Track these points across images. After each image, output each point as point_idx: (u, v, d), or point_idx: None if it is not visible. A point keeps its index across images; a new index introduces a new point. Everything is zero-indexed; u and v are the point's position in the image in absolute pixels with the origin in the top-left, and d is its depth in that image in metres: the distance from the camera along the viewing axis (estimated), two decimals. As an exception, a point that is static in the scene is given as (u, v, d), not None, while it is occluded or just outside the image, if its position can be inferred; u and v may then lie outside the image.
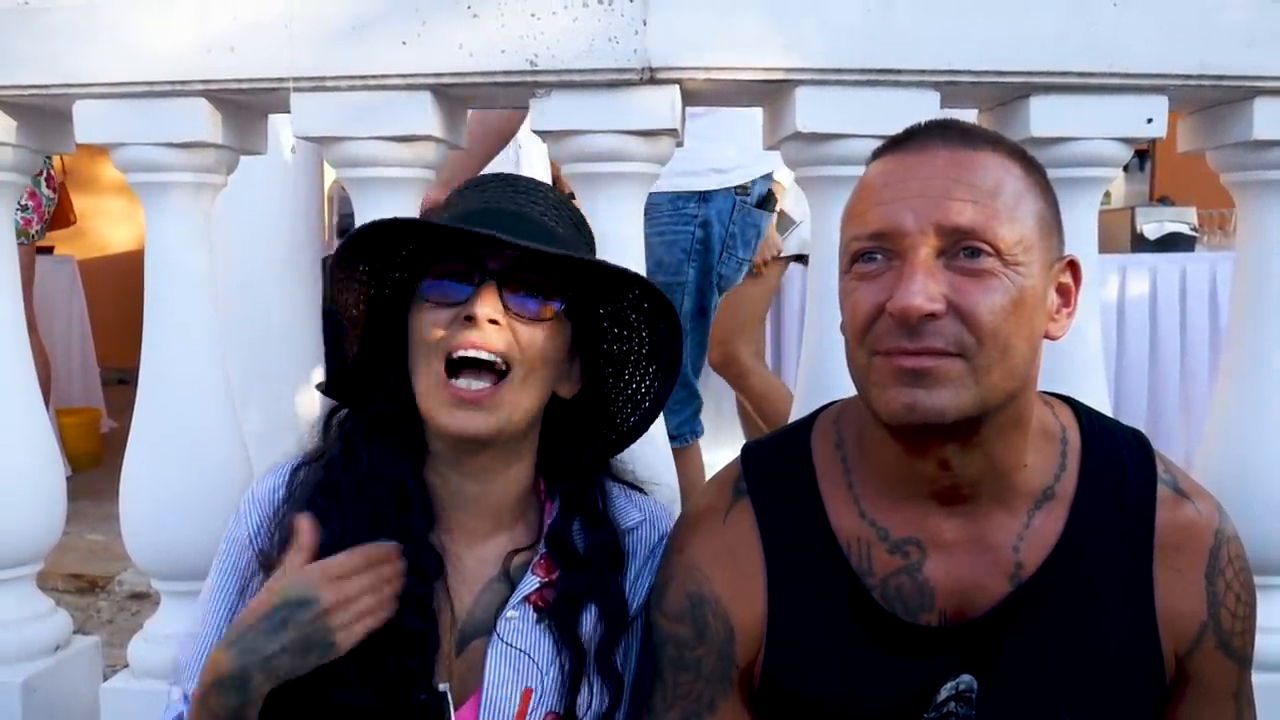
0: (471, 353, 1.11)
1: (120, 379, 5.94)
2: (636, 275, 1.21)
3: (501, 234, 1.09)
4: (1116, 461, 1.12)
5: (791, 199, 3.25)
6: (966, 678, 1.10)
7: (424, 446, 1.20)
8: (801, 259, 3.45)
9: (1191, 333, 3.97)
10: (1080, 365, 1.58)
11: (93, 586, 3.15)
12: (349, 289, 1.19)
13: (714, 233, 2.80)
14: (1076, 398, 1.20)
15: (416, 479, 1.19)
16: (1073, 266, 1.09)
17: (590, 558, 1.21)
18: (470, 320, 1.11)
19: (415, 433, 1.19)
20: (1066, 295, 1.08)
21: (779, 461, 1.18)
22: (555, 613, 1.19)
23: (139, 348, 1.68)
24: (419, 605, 1.14)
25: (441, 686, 1.13)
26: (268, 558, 1.16)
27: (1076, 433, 1.13)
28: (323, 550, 1.13)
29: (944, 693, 1.10)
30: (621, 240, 1.53)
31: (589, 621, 1.20)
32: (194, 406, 1.68)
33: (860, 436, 1.15)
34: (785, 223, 3.36)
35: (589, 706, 1.19)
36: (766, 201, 2.94)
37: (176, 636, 1.73)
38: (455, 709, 1.14)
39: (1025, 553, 1.09)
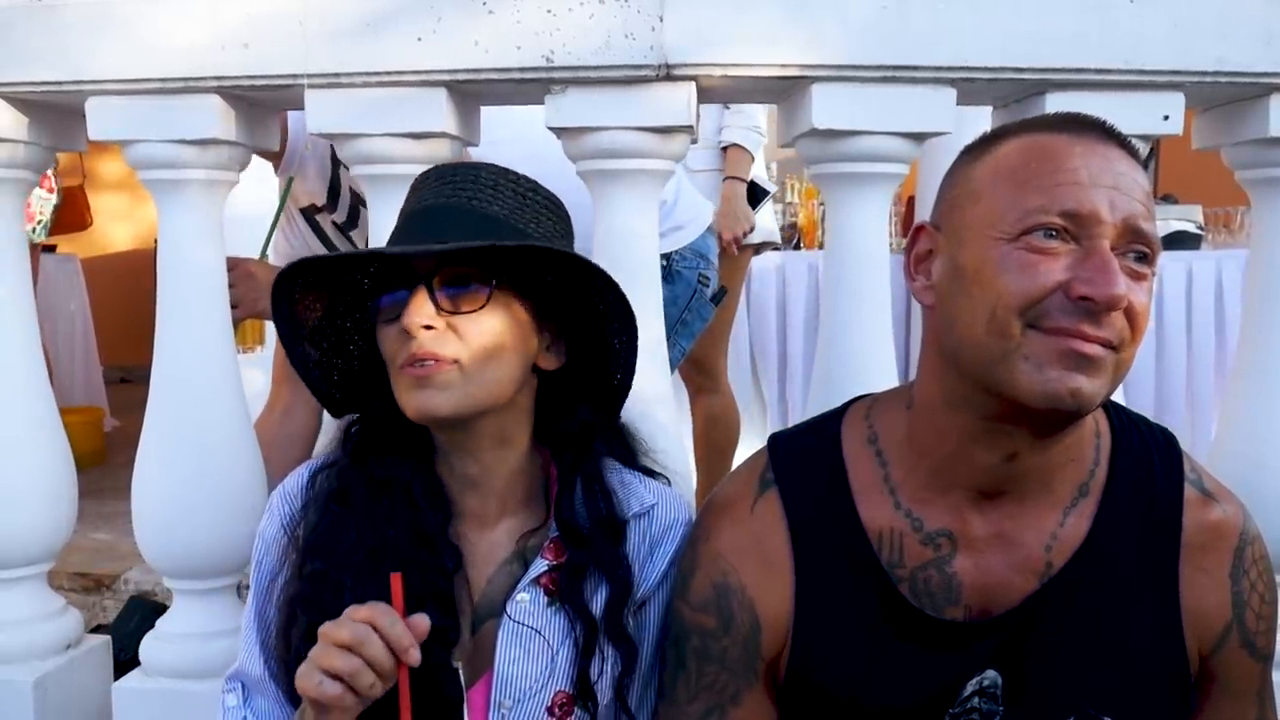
0: (417, 361, 1.12)
1: (123, 377, 5.94)
2: (536, 247, 1.17)
3: (441, 236, 1.11)
4: (1145, 460, 1.12)
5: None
6: (991, 673, 1.10)
7: (429, 444, 1.22)
8: (760, 249, 3.28)
9: (1198, 331, 3.96)
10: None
11: (98, 585, 3.14)
12: (309, 313, 1.22)
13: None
14: None
15: (424, 478, 1.21)
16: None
17: (590, 527, 1.22)
18: (404, 333, 1.12)
19: (418, 432, 1.21)
20: None
21: (807, 452, 1.17)
22: (562, 586, 1.20)
23: (142, 346, 1.68)
24: (442, 601, 1.15)
25: (455, 664, 1.15)
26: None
27: (1108, 430, 1.13)
28: (342, 555, 1.15)
29: (969, 688, 1.10)
30: (638, 234, 1.53)
31: (599, 595, 1.21)
32: (206, 403, 1.68)
33: (905, 426, 1.13)
34: (759, 194, 3.18)
35: (601, 673, 1.19)
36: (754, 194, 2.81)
37: (189, 635, 1.73)
38: (467, 688, 1.16)
39: (1056, 551, 1.09)
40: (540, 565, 1.20)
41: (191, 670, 1.71)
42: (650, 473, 1.31)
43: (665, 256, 2.50)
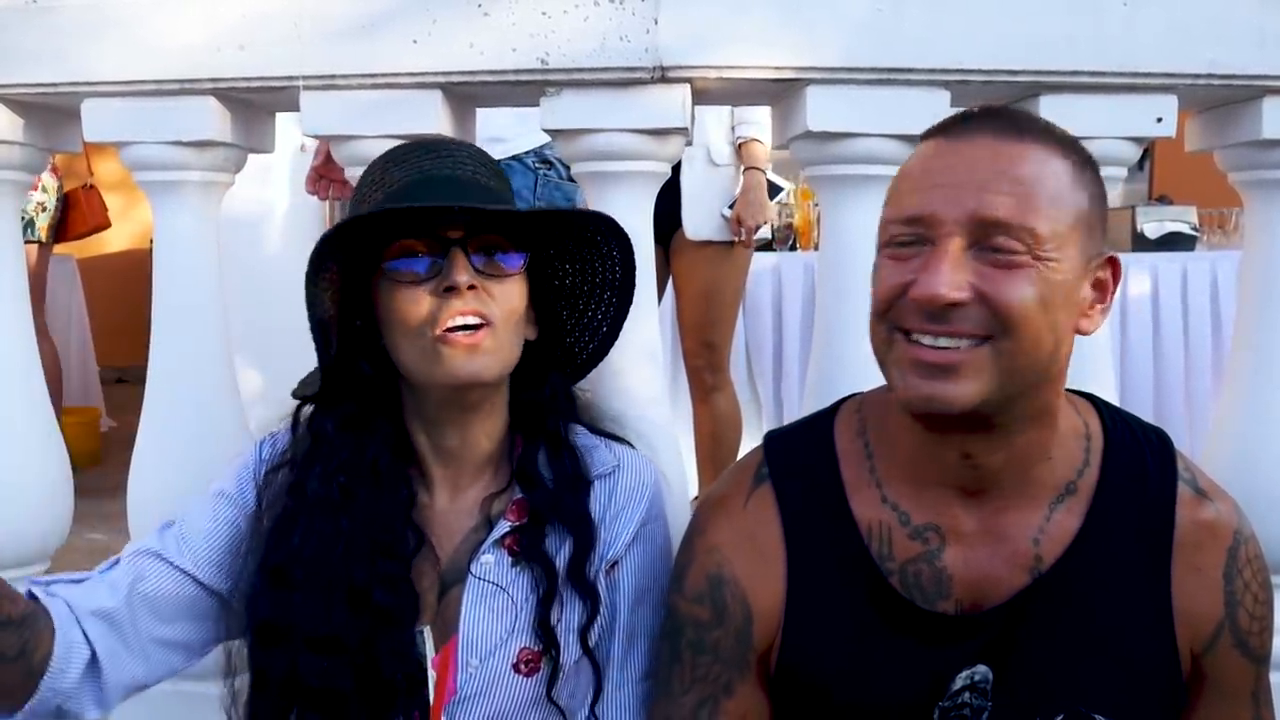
0: (460, 320, 1.14)
1: (119, 378, 5.94)
2: (596, 213, 1.27)
3: (459, 202, 1.13)
4: (1138, 459, 1.12)
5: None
6: (982, 668, 1.11)
7: (397, 422, 1.24)
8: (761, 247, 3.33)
9: (1194, 332, 3.97)
10: (1090, 363, 1.58)
11: (94, 586, 3.14)
12: (323, 290, 1.21)
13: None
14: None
15: (391, 456, 1.22)
16: (1113, 264, 1.08)
17: (554, 484, 1.24)
18: (452, 290, 1.14)
19: (387, 410, 1.23)
20: (1103, 291, 1.08)
21: (801, 448, 1.19)
22: (524, 544, 1.21)
23: (138, 346, 1.68)
24: (390, 583, 1.17)
25: (421, 628, 1.17)
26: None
27: (1100, 430, 1.14)
28: (284, 550, 1.18)
29: (959, 682, 1.11)
30: (632, 234, 1.52)
31: (563, 549, 1.23)
32: (203, 404, 1.68)
33: (884, 423, 1.15)
34: (774, 190, 3.25)
35: (561, 621, 1.21)
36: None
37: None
38: (436, 653, 1.18)
39: (1044, 546, 1.10)
40: (503, 526, 1.22)
41: (188, 671, 1.70)
42: (617, 439, 1.33)
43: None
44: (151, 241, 1.72)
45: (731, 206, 3.10)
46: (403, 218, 1.15)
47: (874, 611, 1.12)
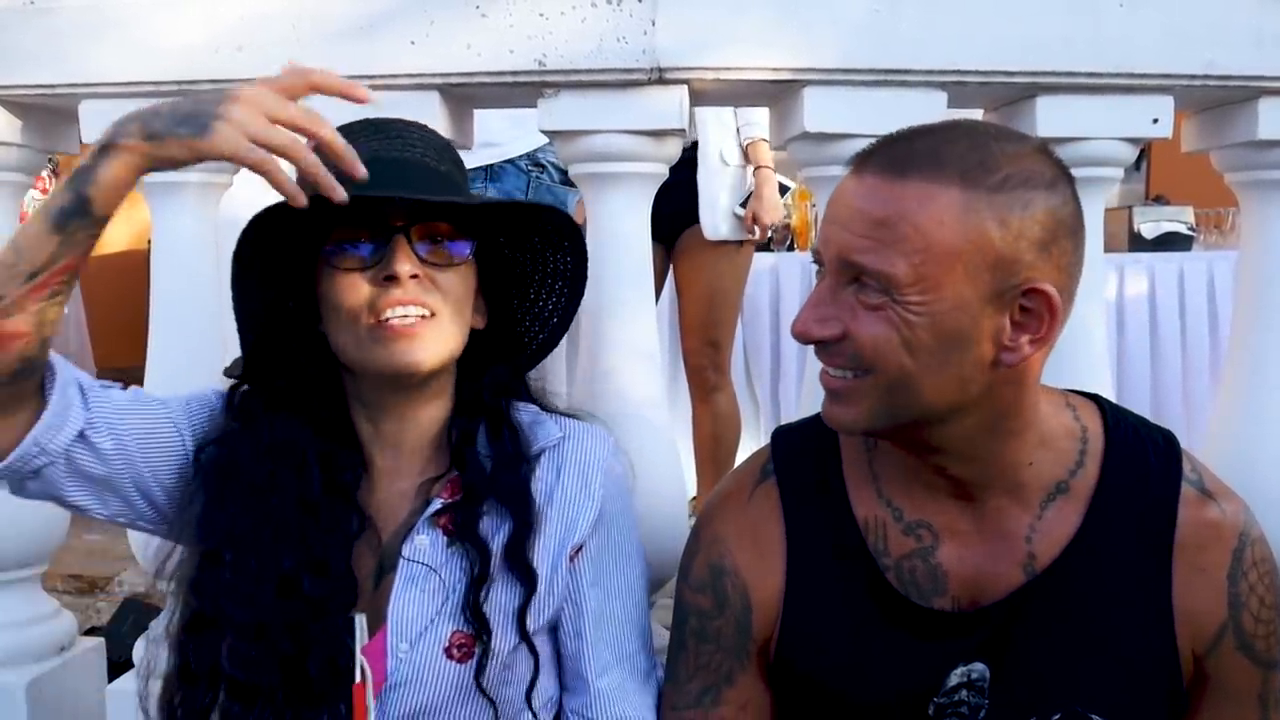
0: (399, 310, 1.13)
1: (118, 379, 5.91)
2: (545, 207, 1.26)
3: (403, 191, 1.11)
4: (1141, 459, 1.12)
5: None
6: (979, 666, 1.11)
7: (337, 403, 1.22)
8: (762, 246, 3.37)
9: (1191, 332, 3.98)
10: (1085, 364, 1.58)
11: (92, 587, 3.14)
12: (250, 270, 1.18)
13: None
14: (1061, 389, 1.20)
15: (320, 444, 1.19)
16: (1039, 294, 1.00)
17: (494, 462, 1.22)
18: (392, 279, 1.12)
19: (324, 393, 1.21)
20: (1037, 322, 1.01)
21: (807, 444, 1.21)
22: (458, 522, 1.19)
23: (135, 347, 1.68)
24: (320, 569, 1.15)
25: (354, 615, 1.14)
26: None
27: (1100, 431, 1.13)
28: (217, 532, 1.14)
29: (955, 678, 1.11)
30: (630, 236, 1.54)
31: (501, 530, 1.20)
32: (200, 406, 1.68)
33: None
34: (782, 189, 3.30)
35: (496, 603, 1.18)
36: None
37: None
38: (369, 639, 1.14)
39: (1039, 544, 1.10)
40: (435, 504, 1.20)
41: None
42: (572, 416, 1.31)
43: (485, 167, 2.71)
44: (150, 243, 1.72)
45: (744, 205, 3.13)
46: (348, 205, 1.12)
47: (871, 606, 1.13)
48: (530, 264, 1.31)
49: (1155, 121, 1.53)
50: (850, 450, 1.19)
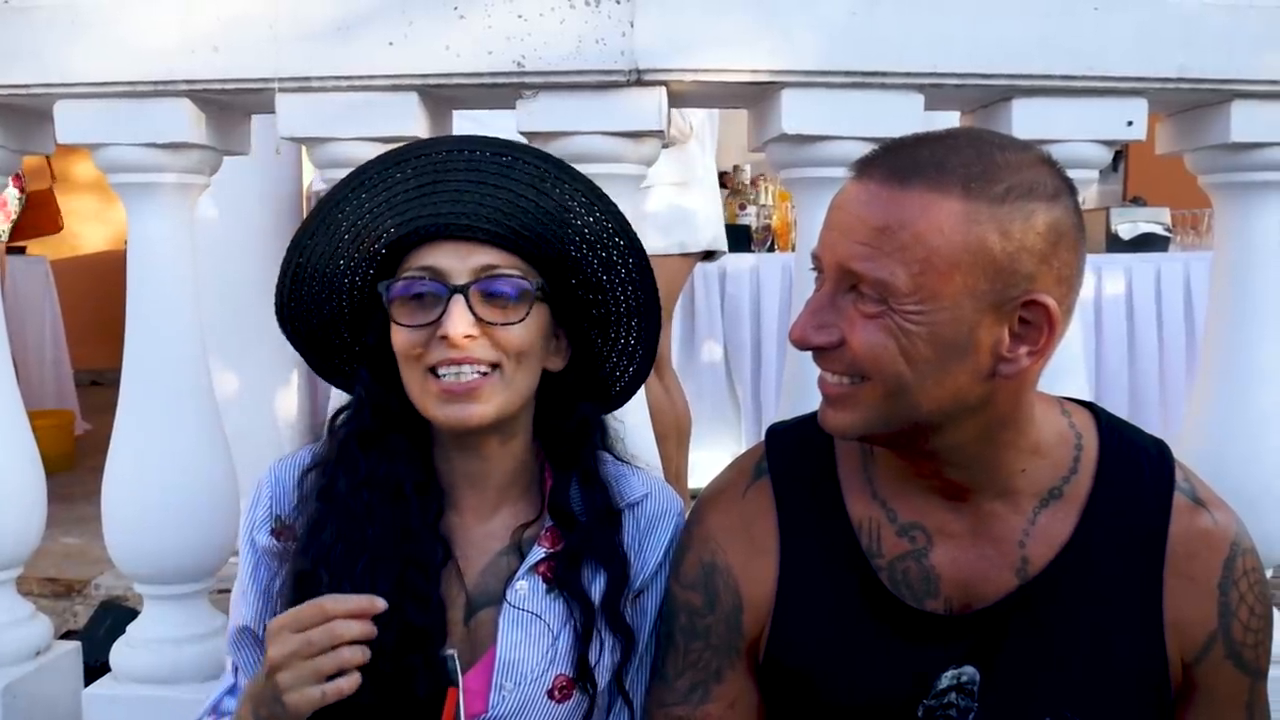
0: (453, 369, 1.12)
1: (93, 380, 5.88)
2: (616, 228, 1.20)
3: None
4: (1134, 468, 1.12)
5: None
6: (969, 669, 1.11)
7: (426, 435, 1.22)
8: (710, 256, 3.26)
9: (1168, 332, 4.01)
10: (1060, 366, 1.59)
11: (68, 591, 3.11)
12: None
13: None
14: (1056, 397, 1.21)
15: (416, 475, 1.20)
16: (1039, 307, 0.99)
17: (586, 517, 1.23)
18: (445, 340, 1.11)
19: (412, 424, 1.20)
20: (1034, 336, 1.01)
21: (801, 443, 1.21)
22: (559, 574, 1.21)
23: (112, 349, 1.67)
24: (419, 600, 1.14)
25: (449, 651, 1.13)
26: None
27: (1094, 438, 1.13)
28: (324, 554, 1.15)
29: (945, 681, 1.11)
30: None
31: (596, 583, 1.22)
32: (177, 407, 1.67)
33: None
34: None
35: (600, 661, 1.21)
36: None
37: (160, 641, 1.72)
38: (464, 673, 1.15)
39: (1031, 549, 1.10)
40: (538, 553, 1.22)
41: (162, 676, 1.70)
42: (625, 461, 1.32)
43: None
44: (126, 243, 1.71)
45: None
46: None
47: (862, 606, 1.13)
48: (604, 304, 1.26)
49: (1129, 124, 1.55)
50: (845, 451, 1.18)
